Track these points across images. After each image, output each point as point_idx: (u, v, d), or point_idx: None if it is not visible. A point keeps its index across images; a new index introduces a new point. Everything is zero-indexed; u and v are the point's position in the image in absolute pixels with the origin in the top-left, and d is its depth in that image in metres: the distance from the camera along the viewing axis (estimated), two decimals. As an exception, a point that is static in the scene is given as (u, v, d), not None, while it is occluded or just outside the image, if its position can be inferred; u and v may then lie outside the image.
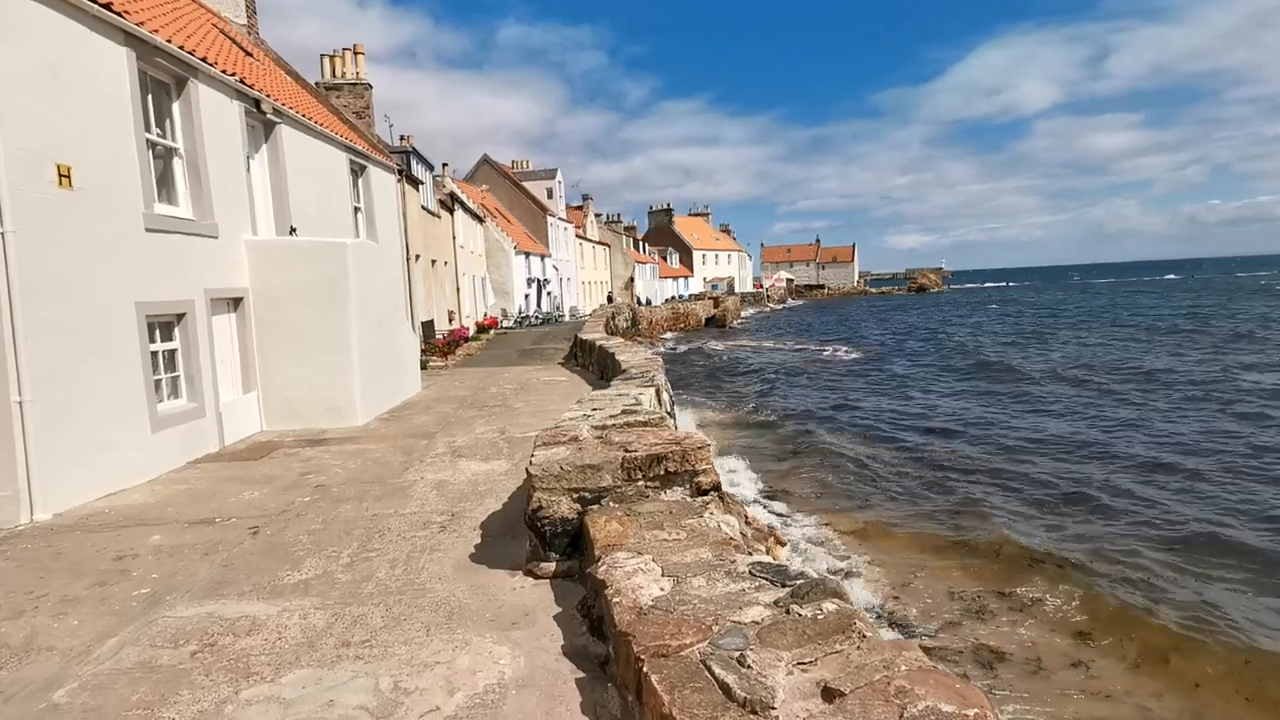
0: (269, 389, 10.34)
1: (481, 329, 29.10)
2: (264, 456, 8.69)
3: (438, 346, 20.21)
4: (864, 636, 2.86)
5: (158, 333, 8.46)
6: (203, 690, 3.41)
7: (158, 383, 8.39)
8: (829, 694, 2.50)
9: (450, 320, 25.57)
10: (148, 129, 8.40)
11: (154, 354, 8.32)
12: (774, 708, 2.46)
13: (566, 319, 42.05)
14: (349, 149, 14.52)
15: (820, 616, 3.01)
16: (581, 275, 57.29)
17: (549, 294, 46.13)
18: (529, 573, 4.62)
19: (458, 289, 28.35)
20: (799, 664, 2.70)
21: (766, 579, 3.43)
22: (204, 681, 3.48)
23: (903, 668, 2.58)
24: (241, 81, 10.22)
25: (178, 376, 8.80)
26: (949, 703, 2.35)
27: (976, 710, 2.31)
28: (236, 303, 10.09)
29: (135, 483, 7.48)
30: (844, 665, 2.67)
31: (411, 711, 3.15)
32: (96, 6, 7.30)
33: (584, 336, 18.08)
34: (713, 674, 2.63)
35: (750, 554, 3.99)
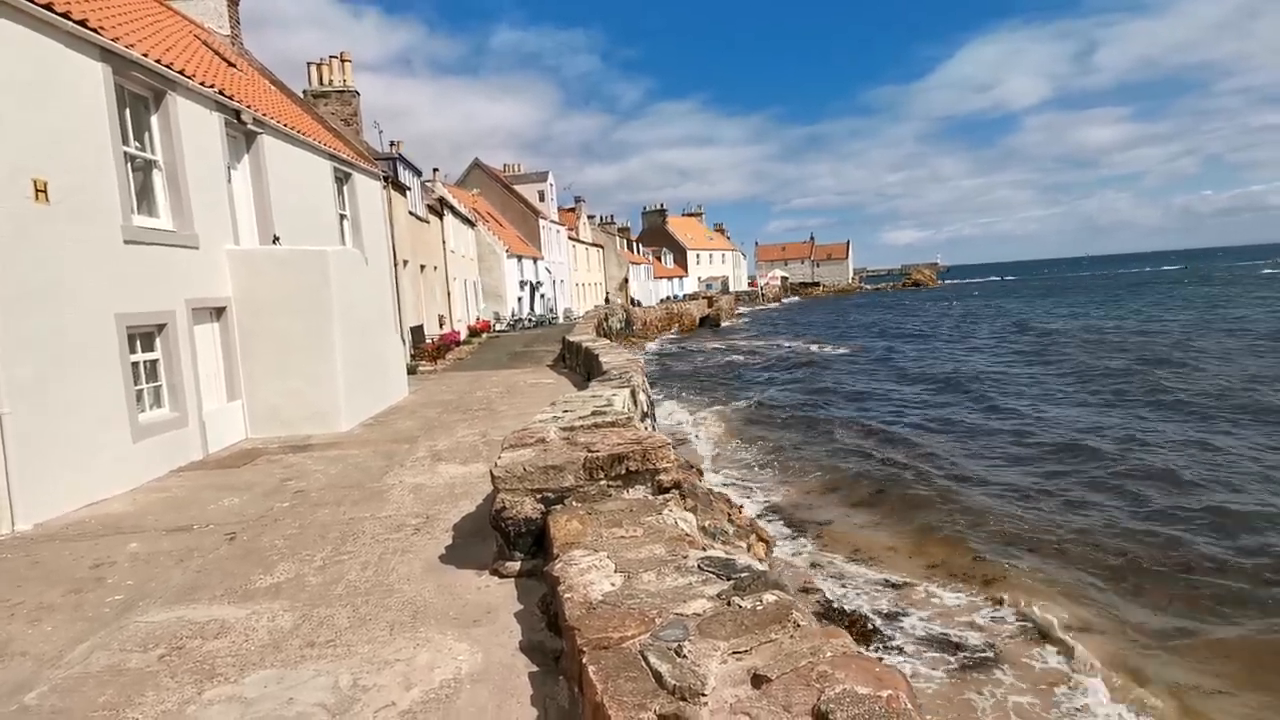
0: (253, 397, 10.44)
1: (473, 332, 29.21)
2: (247, 464, 8.78)
3: (427, 351, 20.30)
4: (798, 625, 2.97)
5: (138, 343, 8.54)
6: (167, 691, 3.50)
7: (139, 393, 8.48)
8: (757, 680, 2.61)
9: (441, 324, 25.66)
10: (125, 142, 8.49)
11: (135, 364, 8.40)
12: (704, 694, 2.56)
13: (560, 321, 42.15)
14: (333, 157, 14.61)
15: (759, 607, 3.12)
16: (575, 277, 57.39)
17: (542, 296, 46.23)
18: (495, 572, 4.72)
19: (448, 293, 28.45)
20: (734, 653, 2.80)
21: (713, 573, 3.54)
22: (169, 683, 3.58)
23: (828, 654, 2.69)
24: (221, 93, 10.31)
25: (160, 386, 8.89)
26: (866, 685, 2.45)
27: (890, 692, 2.42)
28: (219, 312, 10.18)
29: (116, 492, 7.57)
30: (776, 653, 2.78)
31: (367, 707, 3.25)
32: (71, 23, 7.39)
33: (572, 339, 18.17)
34: (648, 664, 2.73)
35: (705, 549, 4.09)
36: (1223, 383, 20.36)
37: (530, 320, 39.90)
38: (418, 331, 21.65)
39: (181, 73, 9.38)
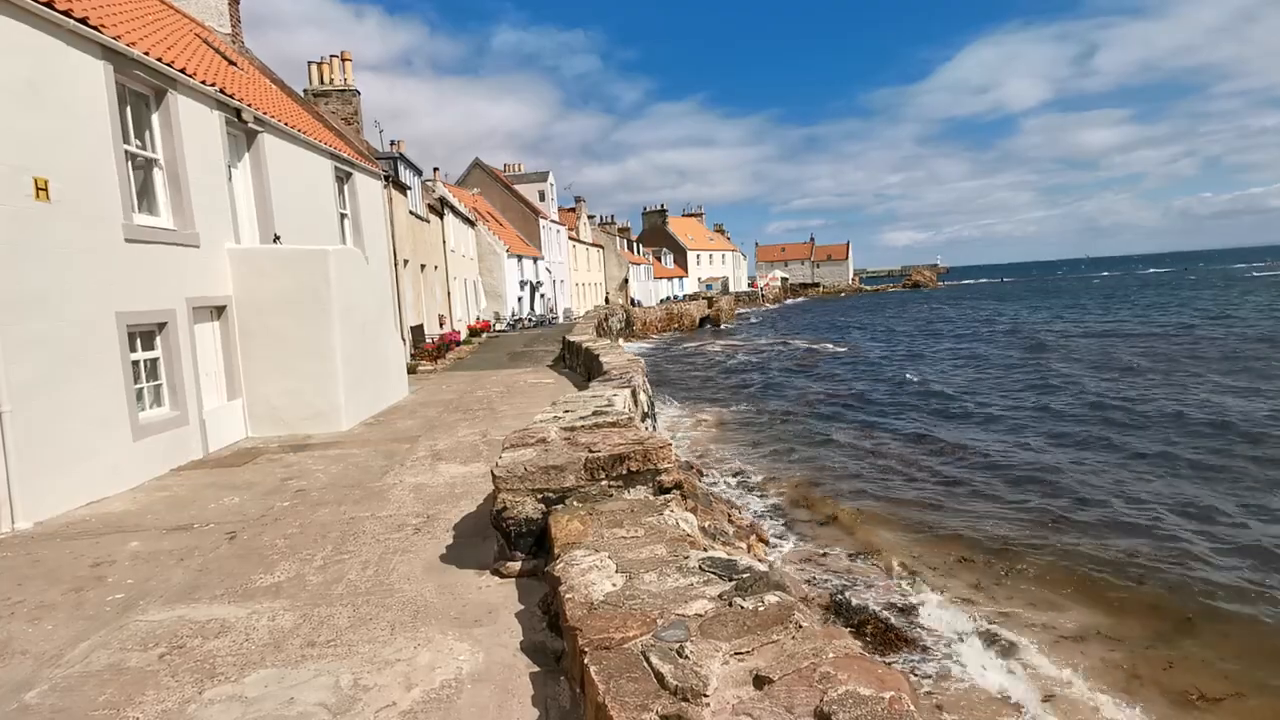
0: (253, 396, 10.43)
1: (473, 332, 29.19)
2: (247, 463, 8.78)
3: (427, 351, 20.29)
4: (800, 626, 2.96)
5: (139, 342, 8.54)
6: (168, 690, 3.50)
7: (139, 391, 8.48)
8: (760, 681, 2.61)
9: (441, 324, 25.65)
10: (126, 140, 8.48)
11: (135, 363, 8.40)
12: (706, 695, 2.56)
13: (560, 321, 42.16)
14: (334, 156, 14.60)
15: (761, 608, 3.11)
16: (575, 277, 57.39)
17: (542, 296, 46.22)
18: (495, 572, 4.72)
19: (449, 293, 28.44)
20: (736, 654, 2.80)
21: (715, 573, 3.53)
22: (170, 682, 3.58)
23: (830, 655, 2.69)
24: (222, 91, 10.31)
25: (160, 385, 8.89)
26: (868, 686, 2.45)
27: (893, 693, 2.42)
28: (220, 311, 10.17)
29: (117, 490, 7.57)
30: (778, 654, 2.77)
31: (369, 707, 3.25)
32: (73, 21, 7.38)
33: (572, 339, 18.16)
34: (650, 664, 2.73)
35: (706, 550, 4.09)
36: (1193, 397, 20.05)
37: (530, 320, 39.90)
38: (418, 331, 21.64)
39: (183, 71, 9.37)
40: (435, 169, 39.24)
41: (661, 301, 70.20)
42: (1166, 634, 7.74)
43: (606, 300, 62.36)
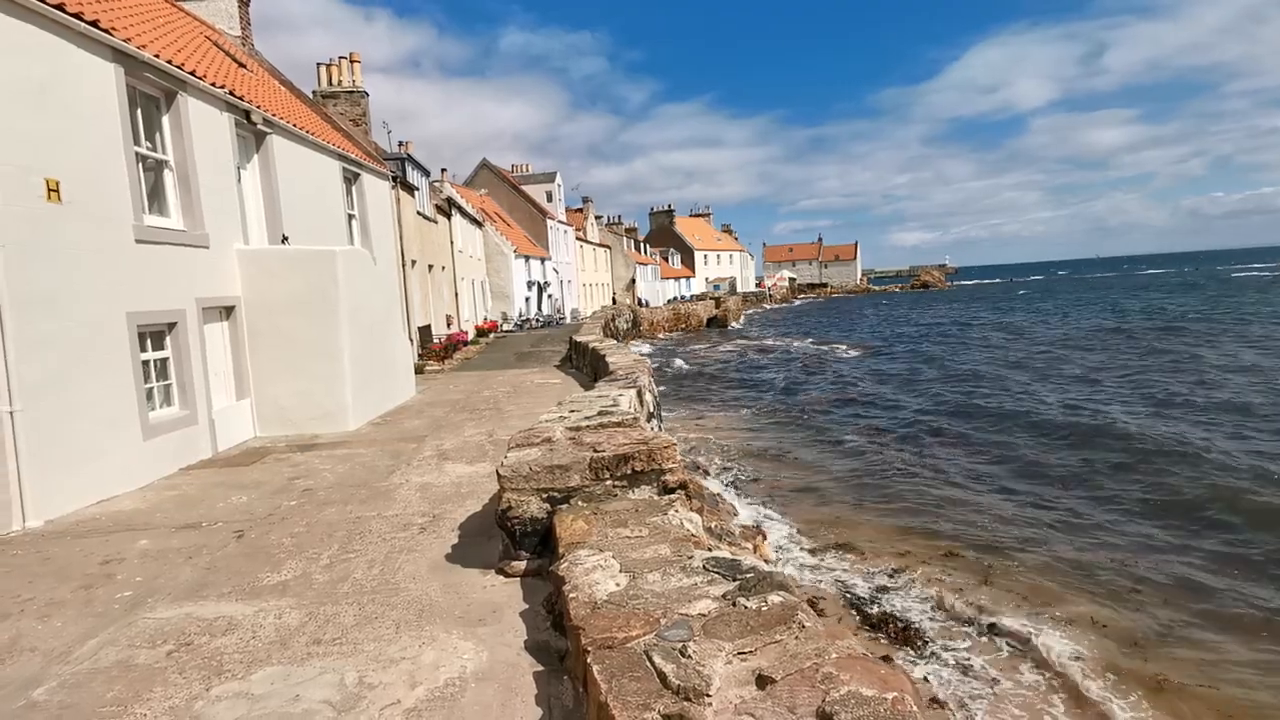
0: (262, 396, 10.49)
1: (481, 333, 29.26)
2: (255, 462, 8.83)
3: (434, 351, 20.35)
4: (804, 626, 2.96)
5: (149, 342, 8.60)
6: (175, 688, 3.53)
7: (149, 391, 8.54)
8: (762, 681, 2.61)
9: (448, 324, 25.72)
10: (137, 142, 8.55)
11: (145, 363, 8.46)
12: (708, 695, 2.56)
13: (567, 321, 42.19)
14: (342, 157, 14.67)
15: (765, 608, 3.12)
16: (582, 278, 57.43)
17: (549, 297, 46.28)
18: (500, 571, 4.73)
19: (456, 293, 28.51)
20: (739, 654, 2.80)
21: (719, 573, 3.54)
22: (177, 679, 3.60)
23: (833, 655, 2.69)
24: (231, 93, 10.37)
25: (170, 385, 8.95)
26: (870, 687, 2.45)
27: (895, 694, 2.42)
28: (229, 311, 10.24)
29: (127, 489, 7.63)
30: (781, 654, 2.77)
31: (373, 705, 3.26)
32: (83, 24, 7.45)
33: (579, 339, 18.18)
34: (652, 664, 2.73)
35: (710, 550, 4.09)
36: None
37: (537, 320, 39.95)
38: (425, 331, 21.72)
39: (192, 73, 9.44)
40: (443, 170, 39.44)
41: (669, 302, 70.15)
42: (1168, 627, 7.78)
43: (614, 300, 62.42)
